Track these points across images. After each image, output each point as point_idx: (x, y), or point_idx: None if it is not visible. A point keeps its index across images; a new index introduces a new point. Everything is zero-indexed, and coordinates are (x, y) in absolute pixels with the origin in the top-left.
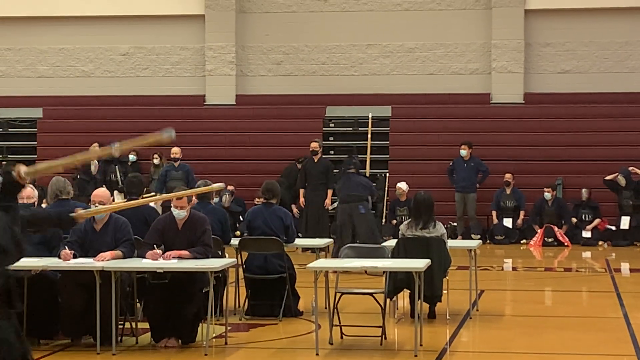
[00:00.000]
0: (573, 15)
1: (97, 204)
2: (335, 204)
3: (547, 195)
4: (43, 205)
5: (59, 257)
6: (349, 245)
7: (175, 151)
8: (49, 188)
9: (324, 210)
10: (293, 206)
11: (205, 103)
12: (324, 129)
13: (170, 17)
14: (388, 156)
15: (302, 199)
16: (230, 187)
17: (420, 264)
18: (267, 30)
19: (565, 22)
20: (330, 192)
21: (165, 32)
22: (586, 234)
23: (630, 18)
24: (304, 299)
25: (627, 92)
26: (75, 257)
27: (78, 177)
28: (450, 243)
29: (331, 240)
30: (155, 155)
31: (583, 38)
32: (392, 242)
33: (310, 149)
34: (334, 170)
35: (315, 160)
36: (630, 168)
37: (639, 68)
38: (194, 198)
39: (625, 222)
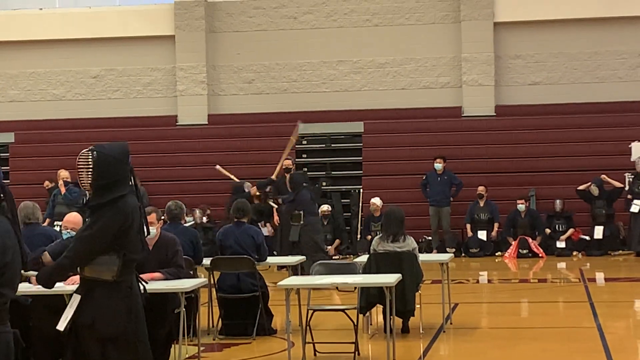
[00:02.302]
0: (542, 26)
1: (68, 230)
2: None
3: (521, 207)
4: None
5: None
6: (319, 262)
7: (64, 175)
8: (19, 212)
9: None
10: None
11: (177, 123)
12: (296, 146)
13: (140, 38)
14: (361, 172)
15: (276, 217)
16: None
17: (391, 278)
18: (237, 49)
19: (534, 33)
20: None
21: (135, 53)
22: (560, 244)
23: (599, 28)
24: (278, 317)
25: (597, 102)
26: None
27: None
28: (423, 257)
29: (304, 257)
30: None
31: (552, 49)
32: (363, 258)
33: (284, 167)
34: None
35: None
36: (602, 176)
37: (608, 78)
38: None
39: (598, 232)
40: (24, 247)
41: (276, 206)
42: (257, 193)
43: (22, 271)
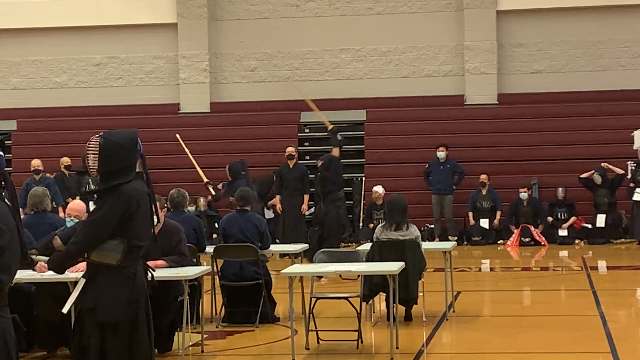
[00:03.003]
0: (545, 15)
1: (72, 218)
2: (312, 210)
3: (523, 195)
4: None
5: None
6: (323, 250)
7: (36, 163)
8: (28, 199)
9: (301, 215)
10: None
11: (179, 111)
12: (299, 134)
13: (143, 26)
14: (364, 160)
15: (278, 205)
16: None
17: (394, 267)
18: (240, 37)
19: (537, 22)
20: (307, 197)
21: (138, 41)
22: (562, 232)
23: (601, 17)
24: (280, 305)
25: (599, 91)
26: None
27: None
28: (426, 245)
29: (306, 245)
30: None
31: (555, 38)
32: (367, 246)
33: (287, 154)
34: (310, 176)
35: (291, 166)
36: (604, 164)
37: (611, 66)
38: (166, 206)
39: (601, 220)
40: (23, 236)
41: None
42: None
43: (33, 256)
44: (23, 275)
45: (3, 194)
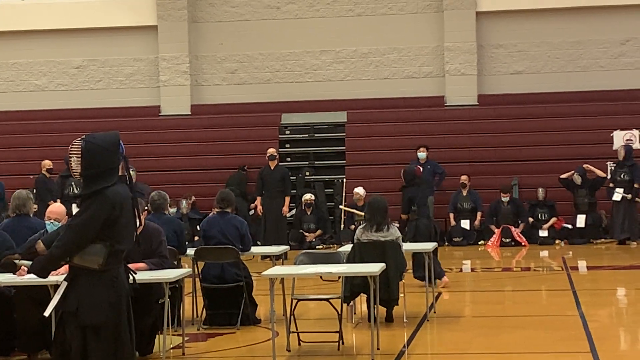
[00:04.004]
0: (524, 16)
1: (52, 221)
2: (293, 211)
3: (504, 198)
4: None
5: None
6: (304, 251)
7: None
8: (12, 200)
9: (282, 217)
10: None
11: (160, 114)
12: (279, 136)
13: (123, 28)
14: (344, 161)
15: (259, 207)
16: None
17: (375, 268)
18: (220, 40)
19: (516, 23)
20: (287, 199)
21: (118, 43)
22: (543, 233)
23: (581, 17)
24: (262, 307)
25: (579, 91)
26: None
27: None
28: (407, 246)
29: (287, 247)
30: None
31: (534, 38)
32: (347, 247)
33: (268, 155)
34: (291, 177)
35: (272, 168)
36: (585, 165)
37: (590, 67)
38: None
39: (581, 221)
40: None
41: None
42: None
43: (16, 261)
44: (3, 278)
45: None
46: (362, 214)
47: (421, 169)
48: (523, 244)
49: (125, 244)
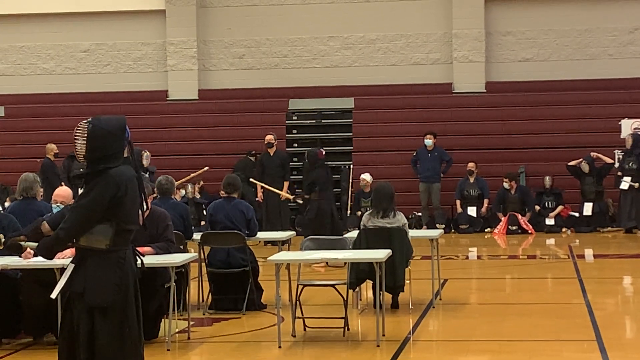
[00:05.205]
0: (532, 3)
1: (58, 204)
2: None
3: (506, 185)
4: (6, 204)
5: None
6: (310, 237)
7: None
8: (18, 184)
9: (284, 202)
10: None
11: (168, 98)
12: (287, 121)
13: (131, 12)
14: (352, 148)
15: (260, 193)
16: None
17: (381, 254)
18: (228, 24)
19: (524, 10)
20: (286, 183)
21: (126, 28)
22: (549, 221)
23: (589, 5)
24: (267, 292)
25: (587, 79)
26: None
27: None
28: (413, 233)
29: (293, 233)
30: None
31: (543, 26)
32: (354, 233)
33: (265, 142)
34: (298, 163)
35: (271, 154)
36: (592, 154)
37: (598, 55)
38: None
39: (588, 209)
40: None
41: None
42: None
43: (22, 243)
44: (9, 261)
45: None
46: (281, 192)
47: (324, 152)
48: (530, 231)
49: (132, 224)
